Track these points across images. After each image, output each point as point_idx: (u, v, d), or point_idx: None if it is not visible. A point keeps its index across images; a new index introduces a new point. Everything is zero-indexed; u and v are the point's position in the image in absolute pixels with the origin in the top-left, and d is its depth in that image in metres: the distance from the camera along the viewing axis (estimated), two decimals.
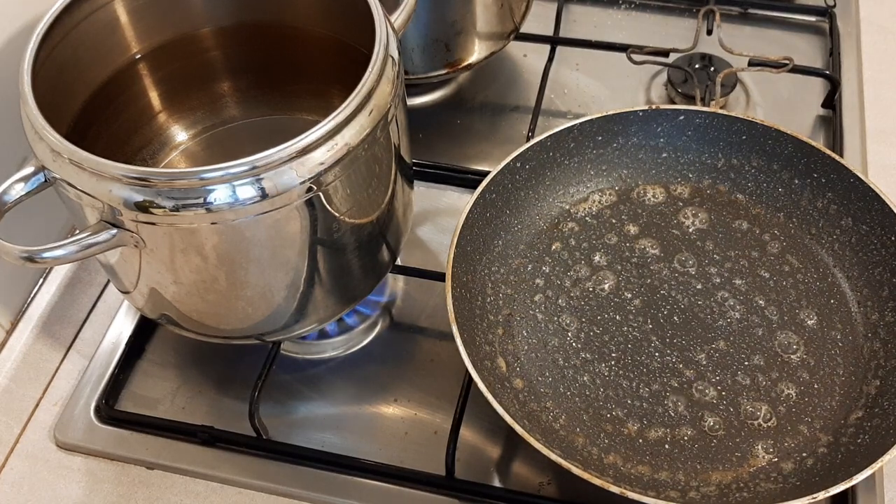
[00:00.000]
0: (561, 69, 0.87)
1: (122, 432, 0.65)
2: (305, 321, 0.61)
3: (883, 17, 0.89)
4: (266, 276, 0.55)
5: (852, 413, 0.60)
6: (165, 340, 0.70)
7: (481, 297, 0.66)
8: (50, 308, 0.72)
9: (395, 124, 0.55)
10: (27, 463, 0.65)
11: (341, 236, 0.56)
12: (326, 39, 0.64)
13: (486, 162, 0.76)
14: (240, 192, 0.48)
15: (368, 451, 0.63)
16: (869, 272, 0.65)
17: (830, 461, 0.57)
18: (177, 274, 0.54)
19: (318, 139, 0.49)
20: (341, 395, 0.67)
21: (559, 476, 0.61)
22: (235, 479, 0.62)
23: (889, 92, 0.83)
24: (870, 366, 0.62)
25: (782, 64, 0.78)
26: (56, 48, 0.56)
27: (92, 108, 0.61)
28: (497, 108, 0.85)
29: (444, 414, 0.64)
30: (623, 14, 0.93)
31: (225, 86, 0.70)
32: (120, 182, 0.48)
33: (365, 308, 0.70)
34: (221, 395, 0.67)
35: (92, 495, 0.63)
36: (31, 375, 0.69)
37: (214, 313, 0.59)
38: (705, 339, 0.64)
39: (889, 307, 0.63)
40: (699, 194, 0.72)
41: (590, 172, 0.72)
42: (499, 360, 0.63)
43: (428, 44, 0.77)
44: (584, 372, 0.63)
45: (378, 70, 0.52)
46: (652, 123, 0.71)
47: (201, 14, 0.64)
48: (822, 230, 0.68)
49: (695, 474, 0.58)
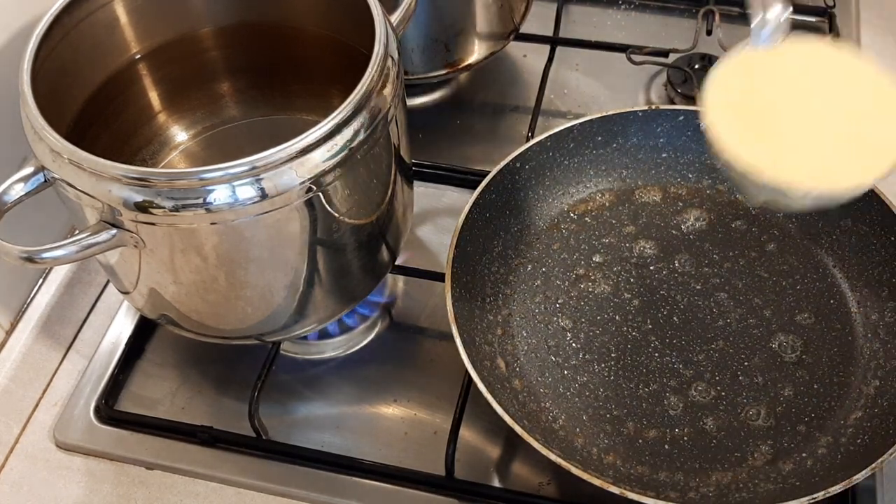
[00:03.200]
0: (561, 69, 0.87)
1: (121, 432, 0.65)
2: (305, 321, 0.61)
3: (883, 18, 0.89)
4: (266, 276, 0.55)
5: (852, 413, 0.60)
6: (165, 340, 0.70)
7: (481, 297, 0.66)
8: (50, 308, 0.72)
9: (394, 124, 0.55)
10: (27, 463, 0.65)
11: (341, 236, 0.56)
12: (326, 39, 0.64)
13: (485, 162, 0.76)
14: (240, 192, 0.48)
15: (368, 451, 0.63)
16: (868, 272, 0.65)
17: (830, 461, 0.57)
18: (176, 274, 0.54)
19: (318, 139, 0.49)
20: (341, 395, 0.67)
21: (559, 476, 0.61)
22: (235, 479, 0.62)
23: None
24: (869, 366, 0.62)
25: None
26: (56, 48, 0.56)
27: (92, 108, 0.61)
28: (497, 108, 0.85)
29: (444, 414, 0.64)
30: (623, 14, 0.93)
31: (225, 86, 0.70)
32: (120, 182, 0.48)
33: (365, 308, 0.70)
34: (221, 396, 0.67)
35: (92, 495, 0.63)
36: (31, 376, 0.69)
37: (214, 313, 0.59)
38: (704, 340, 0.64)
39: (889, 307, 0.63)
40: (698, 194, 0.72)
41: (589, 173, 0.72)
42: (498, 360, 0.63)
43: (428, 44, 0.77)
44: (583, 372, 0.63)
45: (378, 70, 0.52)
46: (652, 124, 0.71)
47: (201, 14, 0.64)
48: (822, 230, 0.68)
49: (694, 474, 0.58)
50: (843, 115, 0.57)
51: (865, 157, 0.55)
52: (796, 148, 0.56)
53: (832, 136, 0.56)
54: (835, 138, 0.56)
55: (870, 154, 0.55)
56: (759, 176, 0.53)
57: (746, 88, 0.58)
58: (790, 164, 0.54)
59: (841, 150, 0.55)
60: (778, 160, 0.54)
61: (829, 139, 0.56)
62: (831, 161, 0.55)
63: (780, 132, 0.56)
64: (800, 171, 0.54)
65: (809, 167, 0.54)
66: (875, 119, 0.57)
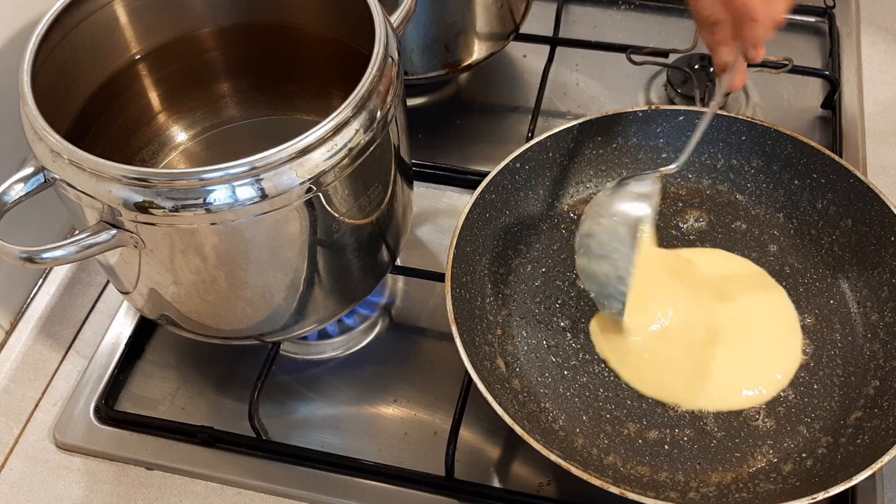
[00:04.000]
0: (560, 69, 0.87)
1: (121, 433, 0.65)
2: (305, 322, 0.61)
3: (883, 18, 0.89)
4: (266, 276, 0.55)
5: (851, 413, 0.60)
6: (165, 341, 0.70)
7: (481, 297, 0.66)
8: (49, 308, 0.72)
9: (394, 124, 0.55)
10: (27, 463, 0.65)
11: (341, 237, 0.56)
12: (326, 39, 0.64)
13: (485, 162, 0.76)
14: (239, 192, 0.48)
15: (368, 451, 0.63)
16: (868, 273, 0.65)
17: (830, 462, 0.57)
18: (176, 274, 0.54)
19: (318, 139, 0.49)
20: (341, 395, 0.67)
21: (559, 476, 0.61)
22: (235, 479, 0.62)
23: (888, 92, 0.83)
24: (869, 366, 0.62)
25: (782, 64, 0.78)
26: (56, 48, 0.56)
27: (92, 108, 0.61)
28: (497, 108, 0.85)
29: (444, 414, 0.64)
30: (623, 14, 0.93)
31: (225, 86, 0.70)
32: (119, 182, 0.48)
33: (365, 309, 0.70)
34: (221, 396, 0.67)
35: (92, 495, 0.63)
36: (31, 376, 0.69)
37: (214, 314, 0.59)
38: None
39: (888, 308, 0.63)
40: (699, 195, 0.72)
41: (589, 173, 0.72)
42: (498, 360, 0.63)
43: (428, 44, 0.77)
44: (583, 373, 0.63)
45: (378, 70, 0.52)
46: (651, 124, 0.71)
47: (201, 14, 0.64)
48: (822, 231, 0.68)
49: (694, 475, 0.58)
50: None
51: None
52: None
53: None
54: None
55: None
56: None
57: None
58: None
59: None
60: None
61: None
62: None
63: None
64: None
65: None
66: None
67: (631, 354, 0.63)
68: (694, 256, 0.68)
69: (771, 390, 0.61)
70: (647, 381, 0.62)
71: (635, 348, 0.63)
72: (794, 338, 0.64)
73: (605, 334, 0.64)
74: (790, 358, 0.63)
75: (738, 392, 0.61)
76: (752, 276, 0.67)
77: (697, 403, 0.61)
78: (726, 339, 0.63)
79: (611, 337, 0.64)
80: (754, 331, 0.64)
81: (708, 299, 0.65)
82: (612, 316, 0.63)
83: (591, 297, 0.64)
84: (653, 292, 0.64)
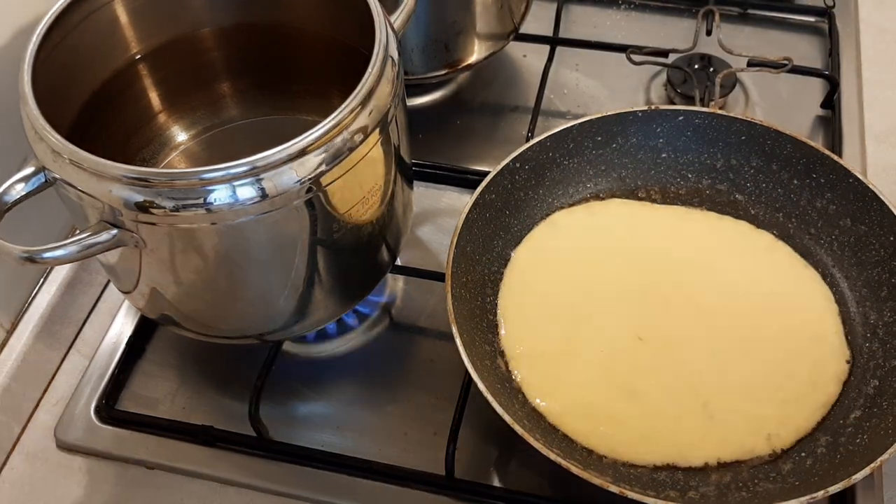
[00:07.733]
0: (560, 69, 0.87)
1: (122, 432, 0.65)
2: (305, 321, 0.61)
3: (882, 18, 0.89)
4: (266, 276, 0.56)
5: (851, 413, 0.60)
6: (165, 340, 0.70)
7: (481, 297, 0.66)
8: (50, 308, 0.72)
9: (394, 124, 0.55)
10: (27, 463, 0.65)
11: (341, 236, 0.56)
12: (326, 39, 0.64)
13: (485, 162, 0.76)
14: (240, 192, 0.48)
15: (368, 451, 0.63)
16: (868, 272, 0.65)
17: (829, 461, 0.57)
18: (177, 274, 0.54)
19: (318, 139, 0.49)
20: (341, 394, 0.67)
21: (559, 476, 0.61)
22: (235, 479, 0.63)
23: (888, 92, 0.83)
24: (868, 366, 0.62)
25: (781, 64, 0.78)
26: (56, 48, 0.56)
27: (92, 108, 0.61)
28: (497, 108, 0.85)
29: (444, 414, 0.64)
30: (622, 14, 0.93)
31: (225, 86, 0.70)
32: (120, 182, 0.48)
33: (365, 308, 0.70)
34: (221, 395, 0.67)
35: (92, 495, 0.63)
36: (32, 375, 0.69)
37: (214, 313, 0.59)
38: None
39: (888, 307, 0.63)
40: (698, 195, 0.72)
41: (589, 173, 0.72)
42: (498, 360, 0.63)
43: (427, 44, 0.77)
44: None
45: (378, 70, 0.52)
46: (651, 124, 0.71)
47: (201, 14, 0.65)
48: (821, 230, 0.68)
49: (694, 474, 0.58)
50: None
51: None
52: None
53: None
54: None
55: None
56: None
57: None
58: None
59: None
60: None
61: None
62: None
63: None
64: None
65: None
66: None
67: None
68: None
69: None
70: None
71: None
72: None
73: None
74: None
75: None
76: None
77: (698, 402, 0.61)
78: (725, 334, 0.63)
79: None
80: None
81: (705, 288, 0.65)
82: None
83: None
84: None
